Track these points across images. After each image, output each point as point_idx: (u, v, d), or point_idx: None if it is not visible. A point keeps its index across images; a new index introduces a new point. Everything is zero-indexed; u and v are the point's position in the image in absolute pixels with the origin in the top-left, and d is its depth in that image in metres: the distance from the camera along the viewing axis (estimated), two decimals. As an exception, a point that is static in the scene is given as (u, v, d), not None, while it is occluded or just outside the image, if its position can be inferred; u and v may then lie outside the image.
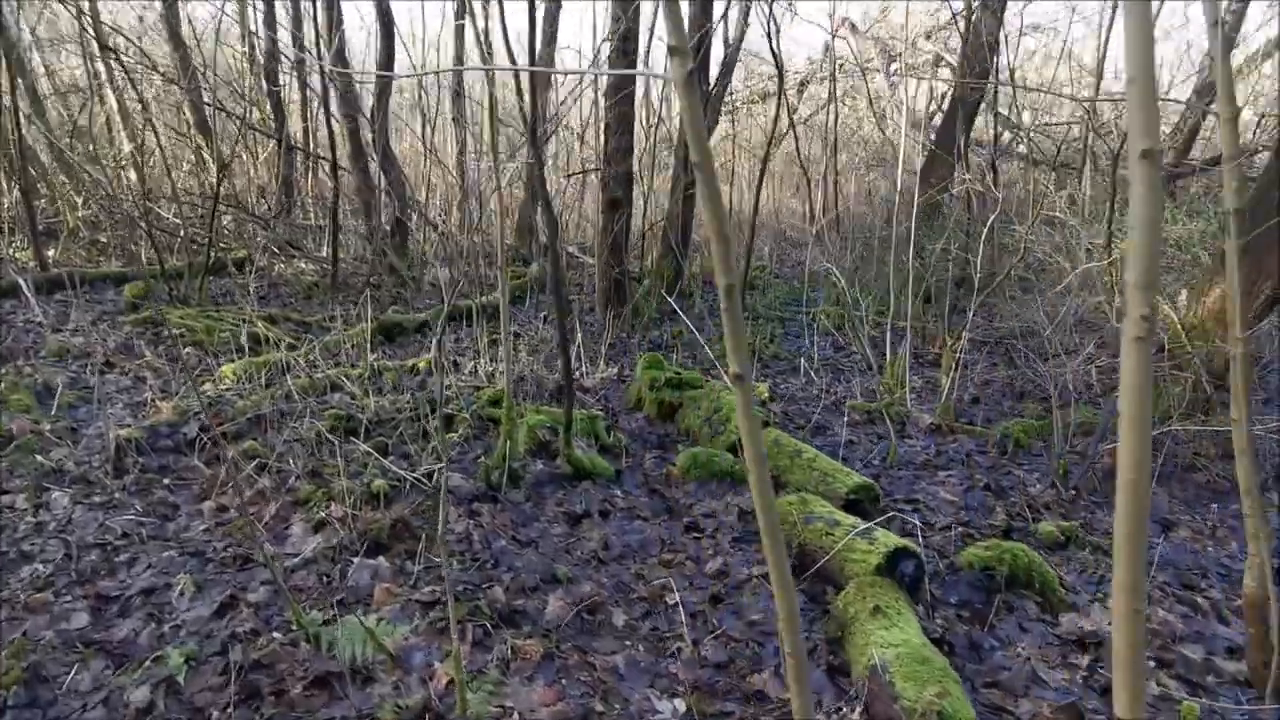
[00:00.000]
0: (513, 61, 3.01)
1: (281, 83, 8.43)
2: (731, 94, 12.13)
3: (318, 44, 6.38)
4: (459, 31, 8.77)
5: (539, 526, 2.70)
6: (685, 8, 5.88)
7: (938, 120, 11.82)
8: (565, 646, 2.03)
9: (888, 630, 1.86)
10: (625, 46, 5.23)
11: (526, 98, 2.67)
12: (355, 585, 2.29)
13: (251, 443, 3.23)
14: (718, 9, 6.25)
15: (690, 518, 2.78)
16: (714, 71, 6.87)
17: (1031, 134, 8.00)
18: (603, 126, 6.05)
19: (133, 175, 7.09)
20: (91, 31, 6.91)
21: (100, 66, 7.42)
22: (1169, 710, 1.79)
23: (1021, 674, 1.89)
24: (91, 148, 7.71)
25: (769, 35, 4.69)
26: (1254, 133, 8.32)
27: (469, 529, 2.65)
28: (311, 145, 9.43)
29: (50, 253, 6.36)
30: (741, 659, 2.00)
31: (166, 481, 2.96)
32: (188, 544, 2.54)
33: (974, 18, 6.57)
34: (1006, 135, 8.10)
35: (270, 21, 8.15)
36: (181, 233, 6.51)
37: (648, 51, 7.83)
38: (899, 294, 4.89)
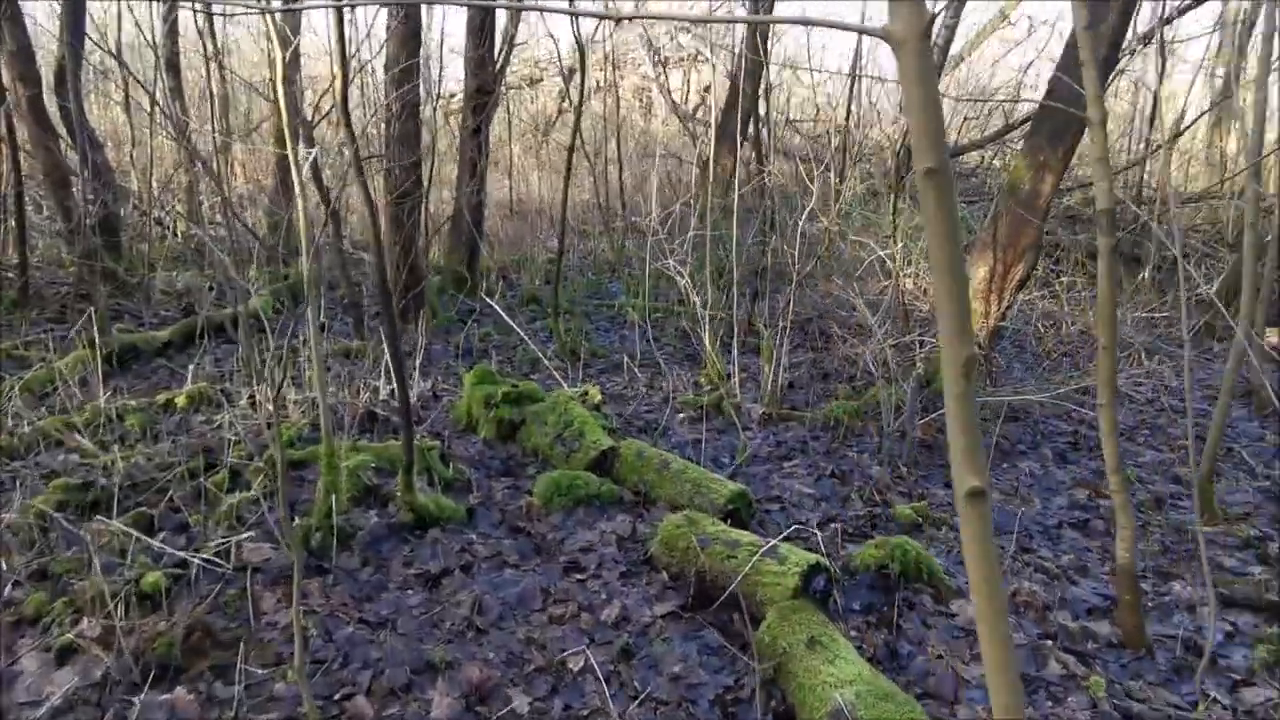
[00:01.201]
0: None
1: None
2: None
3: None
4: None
5: (390, 598, 2.20)
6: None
7: (701, 114, 12.40)
8: (469, 760, 1.62)
9: (833, 664, 1.73)
10: (409, 10, 4.62)
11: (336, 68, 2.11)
12: (146, 736, 1.65)
13: (-73, 541, 2.27)
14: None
15: (566, 556, 2.46)
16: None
17: (794, 131, 8.64)
18: (382, 109, 5.34)
19: None
20: None
21: None
22: (1076, 689, 1.89)
23: (947, 680, 1.89)
24: None
25: (572, 17, 4.41)
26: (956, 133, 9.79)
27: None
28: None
29: None
30: (677, 725, 1.76)
31: None
32: None
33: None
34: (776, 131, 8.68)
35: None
36: None
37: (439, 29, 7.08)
38: (714, 284, 4.93)
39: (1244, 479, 3.58)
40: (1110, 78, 4.44)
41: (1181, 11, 6.34)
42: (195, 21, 7.30)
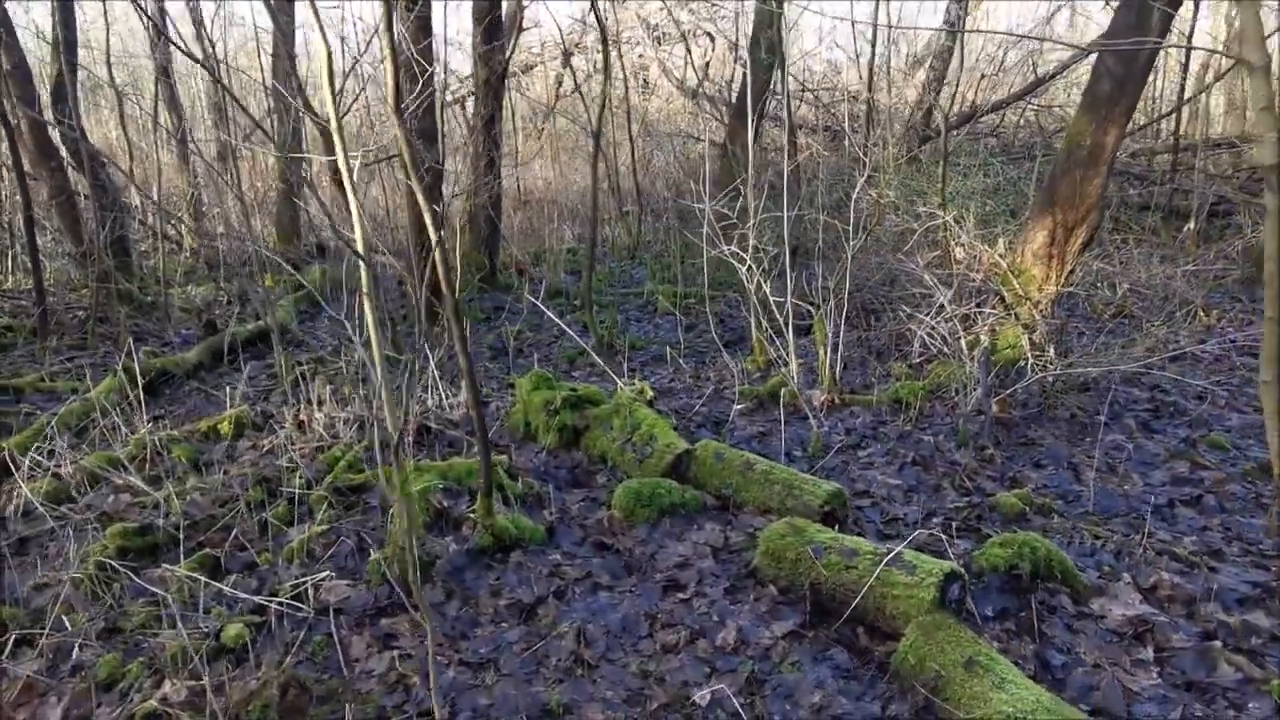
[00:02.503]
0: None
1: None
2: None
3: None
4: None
5: (486, 635, 2.05)
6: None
7: (706, 88, 12.09)
8: (615, 822, 1.47)
9: (1002, 689, 1.57)
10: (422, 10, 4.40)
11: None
12: (256, 815, 1.50)
13: (-17, 601, 2.12)
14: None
15: (662, 574, 2.30)
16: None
17: (815, 101, 8.37)
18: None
19: None
20: None
21: None
22: (1256, 694, 1.73)
23: (1114, 692, 1.73)
24: None
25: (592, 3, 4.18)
26: (975, 92, 9.48)
27: (392, 663, 1.92)
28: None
29: None
30: (830, 763, 1.60)
31: None
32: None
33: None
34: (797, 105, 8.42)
35: None
36: None
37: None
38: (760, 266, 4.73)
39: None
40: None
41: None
42: (196, 17, 7.06)
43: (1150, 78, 9.10)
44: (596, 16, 4.46)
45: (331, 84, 1.97)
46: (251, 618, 2.06)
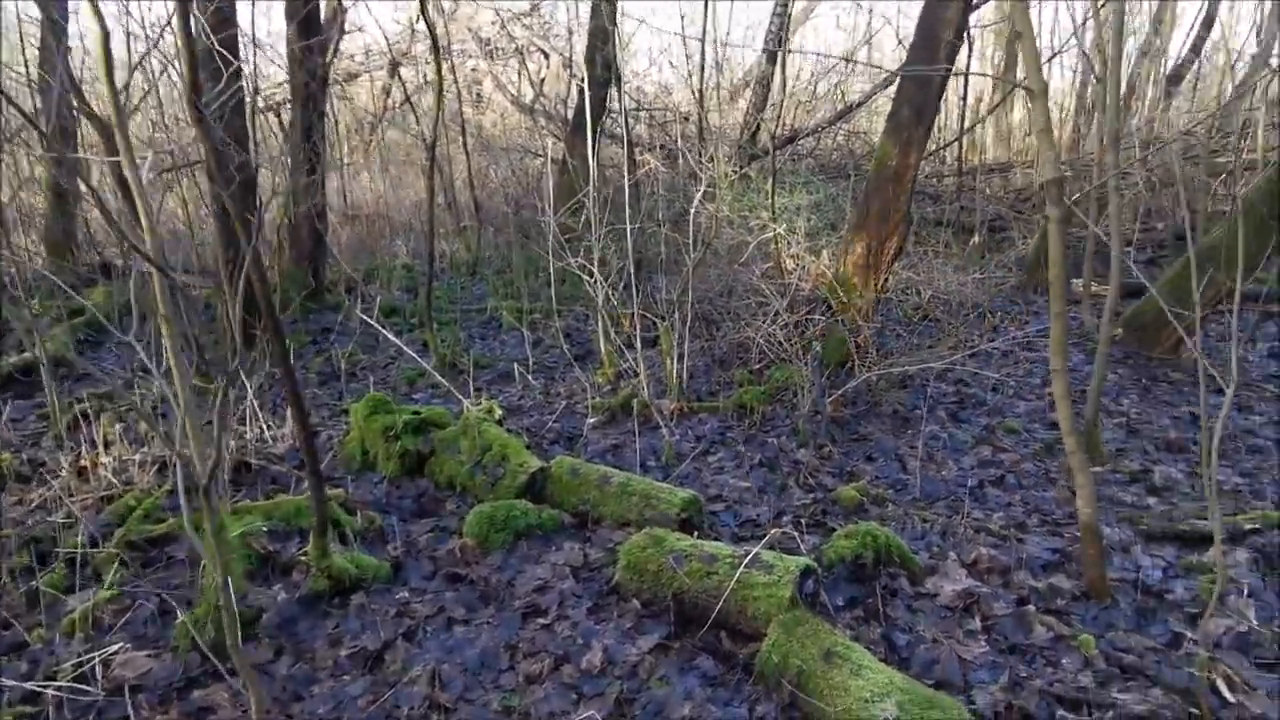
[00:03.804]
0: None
1: None
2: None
3: None
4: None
5: (324, 691, 1.82)
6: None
7: (542, 103, 12.07)
8: None
9: (859, 676, 1.62)
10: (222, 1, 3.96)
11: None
12: None
13: None
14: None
15: (521, 600, 2.19)
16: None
17: (650, 117, 8.60)
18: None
19: None
20: None
21: None
22: (1067, 650, 1.92)
23: (951, 664, 1.86)
24: None
25: (422, 6, 3.99)
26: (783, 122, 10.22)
27: (209, 742, 1.65)
28: None
29: None
30: (704, 776, 1.58)
31: None
32: None
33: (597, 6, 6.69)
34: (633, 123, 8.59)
35: None
36: None
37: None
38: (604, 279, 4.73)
39: (1102, 417, 3.96)
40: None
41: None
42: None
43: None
44: (427, 23, 4.26)
45: (109, 74, 1.70)
46: (22, 709, 1.69)
